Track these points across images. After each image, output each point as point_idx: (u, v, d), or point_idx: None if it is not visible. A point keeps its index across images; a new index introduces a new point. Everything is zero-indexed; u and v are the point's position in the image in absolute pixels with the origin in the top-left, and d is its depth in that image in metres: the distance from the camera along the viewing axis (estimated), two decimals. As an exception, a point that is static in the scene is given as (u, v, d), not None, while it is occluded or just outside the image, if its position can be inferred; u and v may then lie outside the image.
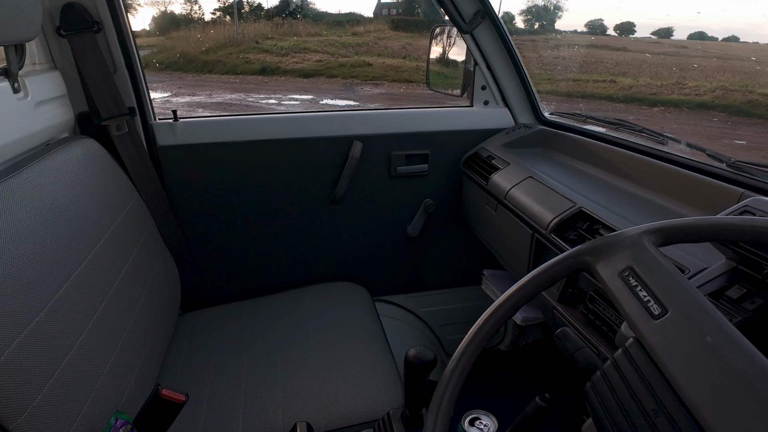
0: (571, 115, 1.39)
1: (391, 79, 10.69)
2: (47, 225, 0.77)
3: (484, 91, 1.48)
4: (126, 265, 0.97)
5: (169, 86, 9.69)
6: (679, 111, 7.85)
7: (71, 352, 0.72)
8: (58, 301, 0.72)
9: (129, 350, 0.89)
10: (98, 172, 0.99)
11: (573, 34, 16.42)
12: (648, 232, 0.44)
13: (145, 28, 13.23)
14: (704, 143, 0.99)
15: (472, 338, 0.47)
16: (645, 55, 11.96)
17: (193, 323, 1.25)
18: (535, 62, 9.57)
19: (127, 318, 0.92)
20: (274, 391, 1.00)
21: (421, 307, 1.69)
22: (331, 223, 1.48)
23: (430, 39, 1.56)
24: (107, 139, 1.13)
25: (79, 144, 0.98)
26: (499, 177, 1.24)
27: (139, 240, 1.07)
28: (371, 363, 1.07)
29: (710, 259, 0.65)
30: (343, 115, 1.40)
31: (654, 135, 1.09)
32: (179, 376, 1.06)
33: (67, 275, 0.77)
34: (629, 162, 1.07)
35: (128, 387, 0.86)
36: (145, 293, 1.02)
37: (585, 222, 0.92)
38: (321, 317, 1.23)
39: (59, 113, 1.06)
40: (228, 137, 1.30)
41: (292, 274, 1.52)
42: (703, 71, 9.86)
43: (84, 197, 0.90)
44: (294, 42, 12.63)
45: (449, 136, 1.46)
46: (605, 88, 9.08)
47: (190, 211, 1.35)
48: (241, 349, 1.13)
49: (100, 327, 0.81)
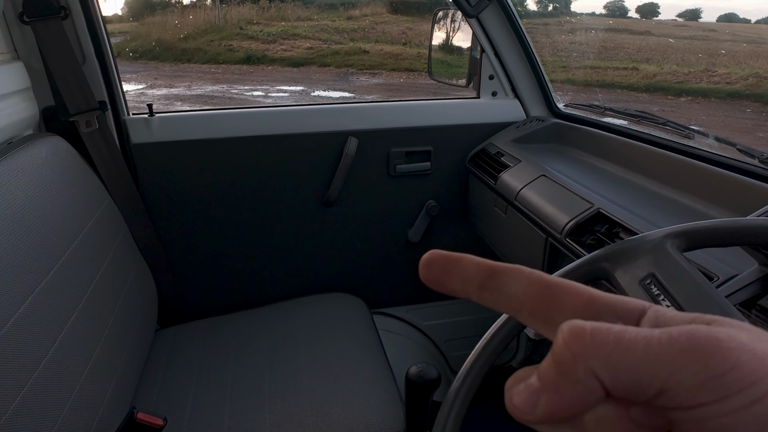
0: (588, 106, 1.40)
1: (389, 68, 10.71)
2: (9, 232, 0.77)
3: (491, 81, 1.48)
4: (97, 275, 0.97)
5: (143, 77, 9.70)
6: (708, 101, 7.88)
7: (36, 372, 0.72)
8: (22, 316, 0.72)
9: (101, 370, 0.89)
10: (66, 173, 0.99)
11: (590, 17, 16.48)
12: (672, 236, 0.45)
13: (117, 13, 13.26)
14: (735, 137, 1.00)
15: (479, 354, 0.47)
16: (670, 39, 12.01)
17: (172, 339, 1.25)
18: (549, 48, 9.60)
19: (99, 334, 0.92)
20: (261, 413, 1.00)
21: (424, 320, 1.69)
22: (323, 227, 1.48)
23: (433, 24, 1.57)
24: (75, 137, 1.13)
25: (45, 142, 0.98)
26: (508, 176, 1.25)
27: (111, 248, 1.07)
28: (369, 382, 1.07)
29: (741, 265, 0.66)
30: (336, 109, 1.40)
31: (679, 128, 1.09)
32: (156, 398, 1.06)
33: (31, 287, 0.77)
34: (652, 158, 1.07)
35: (100, 410, 0.86)
36: (118, 307, 1.02)
37: (603, 225, 0.93)
38: (313, 332, 1.23)
39: (22, 108, 1.06)
40: (209, 134, 1.30)
41: (280, 285, 1.52)
42: (735, 57, 9.90)
43: (50, 201, 0.90)
44: (282, 27, 12.65)
45: (454, 130, 1.46)
46: (626, 76, 9.12)
47: (168, 216, 1.35)
48: (224, 367, 1.13)
49: (69, 344, 0.81)
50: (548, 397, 0.17)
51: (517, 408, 0.17)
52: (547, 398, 0.17)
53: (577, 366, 0.16)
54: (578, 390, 0.16)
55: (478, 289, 0.21)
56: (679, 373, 0.15)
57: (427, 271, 0.21)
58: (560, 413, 0.17)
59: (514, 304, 0.20)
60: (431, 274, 0.21)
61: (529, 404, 0.17)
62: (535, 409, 0.17)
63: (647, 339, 0.16)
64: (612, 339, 0.16)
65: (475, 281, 0.21)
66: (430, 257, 0.21)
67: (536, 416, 0.17)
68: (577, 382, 0.16)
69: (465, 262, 0.21)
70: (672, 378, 0.15)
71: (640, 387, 0.16)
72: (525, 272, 0.20)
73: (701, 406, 0.15)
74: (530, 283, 0.20)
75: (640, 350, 0.16)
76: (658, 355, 0.15)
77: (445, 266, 0.21)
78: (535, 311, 0.20)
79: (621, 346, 0.16)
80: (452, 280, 0.21)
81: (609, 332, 0.16)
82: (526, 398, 0.17)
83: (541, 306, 0.19)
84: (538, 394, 0.17)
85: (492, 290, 0.20)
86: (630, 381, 0.16)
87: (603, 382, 0.16)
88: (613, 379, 0.16)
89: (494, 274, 0.20)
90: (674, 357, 0.15)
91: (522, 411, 0.17)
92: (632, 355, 0.16)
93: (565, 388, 0.16)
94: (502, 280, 0.20)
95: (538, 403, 0.17)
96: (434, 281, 0.21)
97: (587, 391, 0.16)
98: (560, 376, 0.16)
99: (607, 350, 0.16)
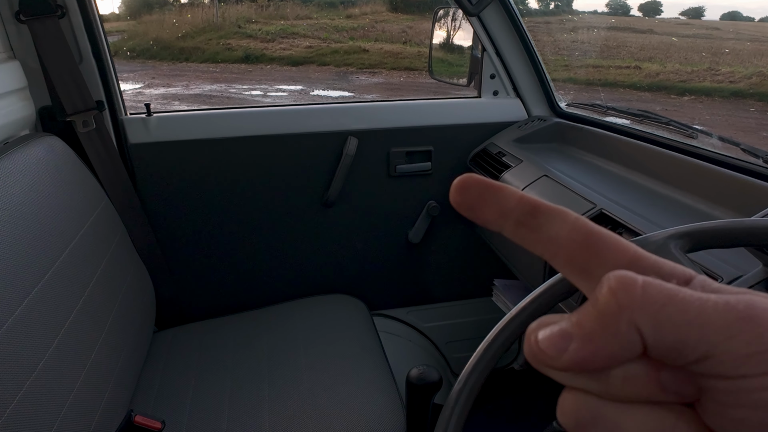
0: (591, 106, 1.40)
1: (389, 67, 10.71)
2: (5, 233, 0.77)
3: (493, 80, 1.48)
4: (94, 277, 0.97)
5: (141, 76, 9.71)
6: (712, 100, 7.88)
7: (33, 375, 0.72)
8: (19, 317, 0.73)
9: (98, 372, 0.89)
10: (63, 173, 1.00)
11: (592, 15, 16.49)
12: (675, 237, 0.45)
13: (114, 11, 13.25)
14: (739, 137, 1.00)
15: (481, 356, 0.47)
16: (673, 38, 12.02)
17: (170, 341, 1.25)
18: (550, 47, 9.60)
19: (96, 336, 0.92)
20: (261, 416, 1.00)
21: (425, 322, 1.69)
22: (323, 228, 1.49)
23: (433, 22, 1.57)
24: (72, 137, 1.13)
25: (41, 142, 0.98)
26: (510, 176, 1.25)
27: (108, 249, 1.07)
28: (369, 385, 1.07)
29: (745, 266, 0.66)
30: (336, 108, 1.41)
31: (682, 128, 1.09)
32: (154, 401, 1.06)
33: (28, 289, 0.77)
34: (655, 158, 1.08)
35: (98, 413, 0.86)
36: (116, 309, 1.02)
37: (606, 225, 0.93)
38: (312, 334, 1.23)
39: (18, 108, 1.06)
40: (207, 134, 1.30)
41: (280, 286, 1.52)
42: (738, 55, 9.91)
43: (47, 202, 0.90)
44: (281, 26, 12.66)
45: (455, 130, 1.46)
46: (629, 75, 9.12)
47: (166, 217, 1.35)
48: (223, 370, 1.13)
49: (66, 347, 0.81)
50: (581, 346, 0.16)
51: (542, 351, 0.16)
52: (580, 346, 0.16)
53: (621, 317, 0.15)
54: (616, 343, 0.15)
55: (515, 224, 0.19)
56: (731, 340, 0.15)
57: (460, 194, 0.20)
58: (590, 364, 0.16)
59: (551, 247, 0.19)
60: (466, 198, 0.20)
61: (557, 348, 0.16)
62: (562, 354, 0.16)
63: (702, 300, 0.15)
64: (665, 295, 0.15)
65: (513, 215, 0.19)
66: (466, 180, 0.20)
67: (561, 362, 0.16)
68: (617, 335, 0.15)
69: (506, 192, 0.19)
70: (722, 344, 0.15)
71: (685, 349, 0.15)
72: (571, 216, 0.19)
73: (744, 377, 0.14)
74: (574, 228, 0.18)
75: (693, 310, 0.15)
76: (712, 318, 0.15)
77: (483, 192, 0.20)
78: (574, 259, 0.18)
79: (674, 303, 0.15)
80: (488, 209, 0.20)
81: (662, 288, 0.15)
82: (555, 341, 0.16)
83: (582, 255, 0.18)
84: (568, 340, 0.16)
85: (531, 228, 0.19)
86: (675, 341, 0.15)
87: (645, 339, 0.15)
88: (658, 337, 0.15)
89: (537, 212, 0.19)
90: (729, 323, 0.15)
91: (547, 355, 0.16)
92: (684, 314, 0.15)
93: (602, 339, 0.15)
94: (545, 220, 0.19)
95: (568, 349, 0.16)
96: (468, 207, 0.20)
97: (626, 345, 0.15)
98: (600, 326, 0.15)
99: (657, 306, 0.15)
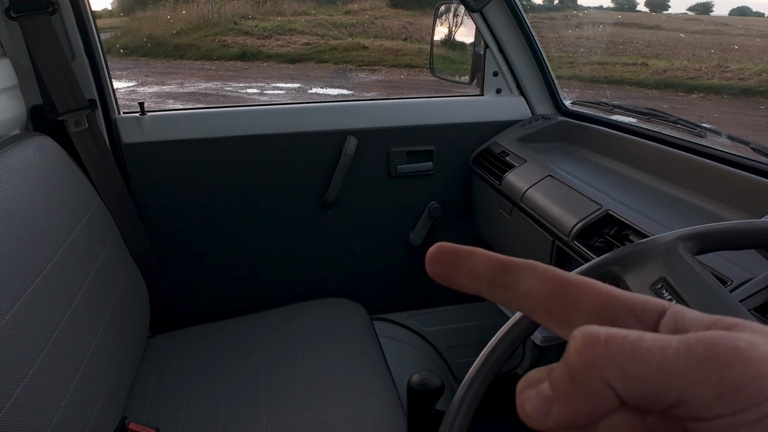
0: (596, 104, 1.40)
1: (389, 64, 10.73)
2: (-4, 235, 0.77)
3: (496, 77, 1.49)
4: (86, 280, 0.97)
5: (135, 74, 9.72)
6: (720, 98, 7.89)
7: (24, 382, 0.72)
8: (9, 323, 0.72)
9: (91, 378, 0.89)
10: (54, 174, 1.00)
11: (598, 11, 16.51)
12: (684, 238, 0.45)
13: (107, 7, 13.27)
14: (749, 135, 1.00)
15: (484, 361, 0.47)
16: (680, 34, 12.03)
17: (164, 347, 1.24)
18: (555, 43, 9.62)
19: (89, 342, 0.92)
20: (258, 424, 1.00)
21: (426, 327, 1.69)
22: (321, 230, 1.49)
23: (434, 18, 1.57)
24: (64, 137, 1.13)
25: (33, 142, 0.98)
26: (514, 176, 1.25)
27: (101, 252, 1.07)
28: (369, 391, 1.07)
29: (755, 268, 0.66)
30: (335, 107, 1.41)
31: (690, 126, 1.09)
32: (148, 408, 1.06)
33: (18, 294, 0.77)
34: (662, 157, 1.08)
35: (90, 420, 0.86)
36: (109, 313, 1.02)
37: (613, 227, 0.93)
38: (311, 339, 1.23)
39: (9, 107, 1.06)
40: (203, 133, 1.31)
41: (277, 290, 1.52)
42: (748, 52, 9.91)
43: (38, 203, 0.90)
44: (278, 22, 12.68)
45: (457, 129, 1.46)
46: (636, 72, 9.13)
47: (160, 219, 1.35)
48: (219, 376, 1.13)
49: (58, 352, 0.81)
50: (561, 407, 0.16)
51: (529, 416, 0.17)
52: (560, 408, 0.16)
53: (590, 376, 0.16)
54: (592, 400, 0.16)
55: (489, 285, 0.20)
56: (697, 385, 0.15)
57: (434, 265, 0.21)
58: (573, 423, 0.16)
59: (527, 302, 0.19)
60: (439, 268, 0.21)
61: (541, 412, 0.17)
62: (548, 417, 0.17)
63: (664, 348, 0.15)
64: (627, 349, 0.16)
65: (486, 277, 0.20)
66: (437, 250, 0.21)
67: (548, 425, 0.17)
68: (591, 392, 0.16)
69: (475, 256, 0.20)
70: (689, 390, 0.15)
71: (656, 398, 0.15)
72: (539, 268, 0.19)
73: (718, 417, 0.15)
74: (545, 280, 0.19)
75: (656, 361, 0.15)
76: (675, 365, 0.15)
77: (454, 260, 0.20)
78: (550, 310, 0.19)
79: (636, 356, 0.15)
80: (461, 276, 0.20)
81: (624, 340, 0.16)
82: (537, 406, 0.17)
83: (557, 304, 0.19)
84: (550, 403, 0.17)
85: (504, 287, 0.20)
86: (645, 392, 0.15)
87: (617, 392, 0.16)
88: (628, 390, 0.16)
89: (506, 270, 0.20)
90: (692, 368, 0.15)
91: (534, 419, 0.17)
92: (648, 365, 0.15)
93: (578, 398, 0.16)
94: (515, 277, 0.20)
95: (551, 411, 0.17)
96: (442, 276, 0.21)
97: (601, 401, 0.16)
98: (573, 386, 0.16)
99: (621, 360, 0.16)
